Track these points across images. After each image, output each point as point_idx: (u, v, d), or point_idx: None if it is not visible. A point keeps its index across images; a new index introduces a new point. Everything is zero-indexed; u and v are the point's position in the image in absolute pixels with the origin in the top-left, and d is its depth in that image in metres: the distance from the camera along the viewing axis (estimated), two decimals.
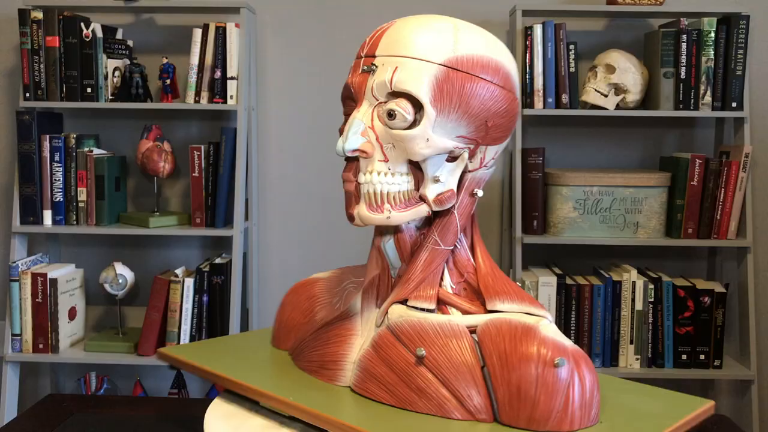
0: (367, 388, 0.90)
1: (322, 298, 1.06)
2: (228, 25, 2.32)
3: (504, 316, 0.88)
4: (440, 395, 0.85)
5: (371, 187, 0.88)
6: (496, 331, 0.86)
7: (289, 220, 2.58)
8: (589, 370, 0.84)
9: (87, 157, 2.35)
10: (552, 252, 2.53)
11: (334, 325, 0.96)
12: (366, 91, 0.89)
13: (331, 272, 1.10)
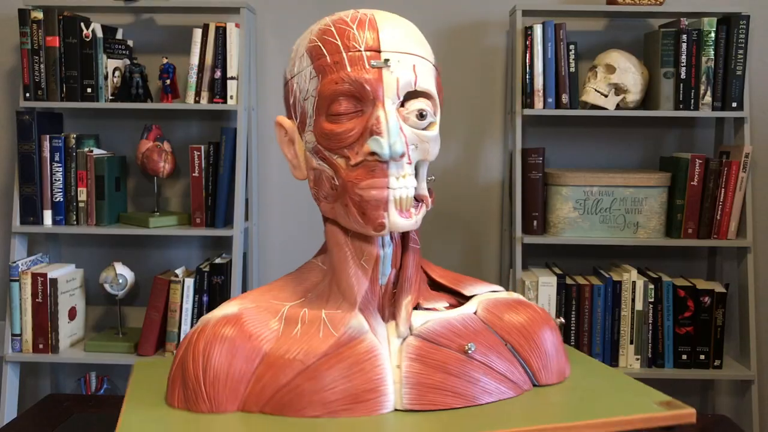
0: (430, 400, 0.86)
1: (261, 334, 0.87)
2: (228, 25, 2.32)
3: (488, 297, 0.97)
4: (497, 380, 0.90)
5: (405, 192, 0.85)
6: (498, 311, 0.94)
7: (289, 220, 2.58)
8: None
9: (87, 157, 2.35)
10: (552, 252, 2.53)
11: (345, 354, 0.85)
12: (386, 89, 0.83)
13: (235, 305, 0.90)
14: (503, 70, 2.52)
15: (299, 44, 0.91)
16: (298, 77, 0.89)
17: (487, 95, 2.53)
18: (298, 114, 0.89)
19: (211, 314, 0.90)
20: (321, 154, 0.87)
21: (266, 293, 0.93)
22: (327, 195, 0.90)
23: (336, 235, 0.90)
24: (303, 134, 0.90)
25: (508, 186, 2.46)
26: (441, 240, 2.56)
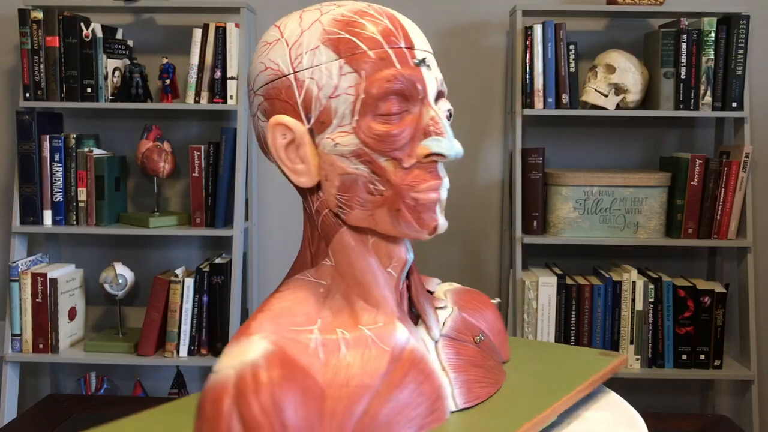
0: (476, 395, 0.87)
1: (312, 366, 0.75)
2: (228, 25, 2.32)
3: (445, 289, 1.00)
4: (498, 363, 0.96)
5: (446, 192, 0.83)
6: (463, 300, 0.99)
7: (289, 220, 2.58)
8: None
9: (87, 157, 2.35)
10: (552, 252, 2.53)
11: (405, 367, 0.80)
12: (430, 88, 0.81)
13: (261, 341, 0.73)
14: (503, 70, 2.52)
15: (303, 35, 0.80)
16: (315, 72, 0.78)
17: (487, 95, 2.53)
18: (316, 113, 0.79)
19: (240, 362, 0.70)
20: (366, 158, 0.78)
21: (277, 322, 0.77)
22: (364, 202, 0.80)
23: (358, 243, 0.82)
24: (321, 135, 0.79)
25: (508, 186, 2.46)
26: (441, 240, 2.56)
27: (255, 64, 0.83)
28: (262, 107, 0.82)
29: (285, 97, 0.80)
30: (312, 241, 0.84)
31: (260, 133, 0.85)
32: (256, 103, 0.83)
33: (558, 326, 2.29)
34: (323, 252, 0.83)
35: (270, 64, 0.81)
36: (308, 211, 0.84)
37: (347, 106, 0.78)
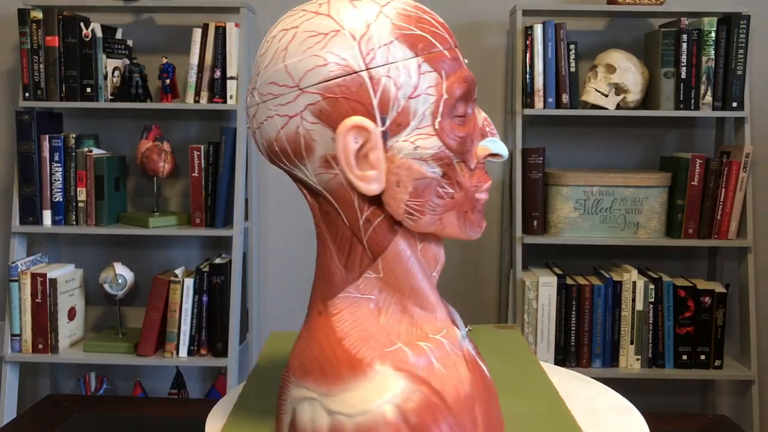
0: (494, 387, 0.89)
1: (445, 390, 0.74)
2: (228, 25, 2.32)
3: None
4: None
5: None
6: None
7: (289, 220, 2.58)
8: None
9: (87, 157, 2.35)
10: (552, 252, 2.53)
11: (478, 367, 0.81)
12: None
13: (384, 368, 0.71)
14: (503, 70, 2.52)
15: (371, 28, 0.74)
16: (392, 70, 0.74)
17: (487, 95, 2.53)
18: (393, 115, 0.74)
19: (391, 396, 0.68)
20: (446, 161, 0.75)
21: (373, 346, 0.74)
22: (435, 206, 0.76)
23: (413, 250, 0.78)
24: (396, 138, 0.75)
25: (508, 186, 2.46)
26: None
27: (303, 57, 0.74)
28: (317, 107, 0.73)
29: (356, 96, 0.73)
30: (346, 254, 0.77)
31: (294, 136, 0.75)
32: (303, 102, 0.74)
33: (558, 326, 2.29)
34: (365, 264, 0.77)
35: (333, 58, 0.73)
36: (343, 223, 0.77)
37: (428, 107, 0.75)
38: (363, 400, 0.67)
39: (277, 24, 0.78)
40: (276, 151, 0.77)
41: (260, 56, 0.77)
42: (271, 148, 0.77)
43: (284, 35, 0.75)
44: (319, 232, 0.78)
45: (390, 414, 0.67)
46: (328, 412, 0.68)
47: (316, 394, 0.71)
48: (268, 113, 0.76)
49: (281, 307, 2.61)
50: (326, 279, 0.78)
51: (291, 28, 0.75)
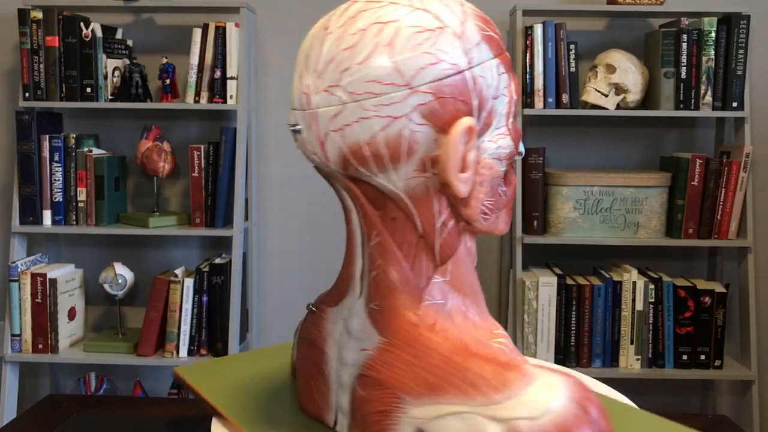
0: None
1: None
2: (228, 25, 2.32)
3: None
4: None
5: None
6: None
7: (289, 220, 2.58)
8: None
9: (87, 157, 2.35)
10: (552, 252, 2.53)
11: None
12: None
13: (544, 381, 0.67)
14: None
15: (465, 26, 0.72)
16: (481, 69, 0.72)
17: None
18: (484, 114, 0.73)
19: (566, 397, 0.65)
20: (511, 160, 0.77)
21: (501, 350, 0.73)
22: (498, 204, 0.77)
23: (469, 249, 0.78)
24: (482, 138, 0.74)
25: None
26: None
27: (413, 54, 0.69)
28: (427, 108, 0.69)
29: (462, 96, 0.71)
30: (411, 260, 0.74)
31: (396, 138, 0.70)
32: (412, 102, 0.69)
33: (558, 326, 2.29)
34: (431, 269, 0.74)
35: (443, 56, 0.69)
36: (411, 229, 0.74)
37: (504, 107, 0.74)
38: (541, 400, 0.65)
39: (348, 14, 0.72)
40: (363, 155, 0.71)
41: (345, 50, 0.70)
42: (357, 152, 0.71)
43: (382, 29, 0.69)
44: (381, 241, 0.74)
45: (573, 408, 0.65)
46: (498, 421, 0.65)
47: (466, 407, 0.66)
48: (362, 114, 0.70)
49: (281, 307, 2.61)
50: (394, 289, 0.74)
51: (389, 22, 0.70)
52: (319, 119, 0.71)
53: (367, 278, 0.76)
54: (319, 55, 0.71)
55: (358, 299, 0.77)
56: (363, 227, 0.76)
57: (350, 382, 0.76)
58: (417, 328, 0.73)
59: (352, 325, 0.76)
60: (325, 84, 0.70)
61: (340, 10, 0.73)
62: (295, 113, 0.74)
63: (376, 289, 0.75)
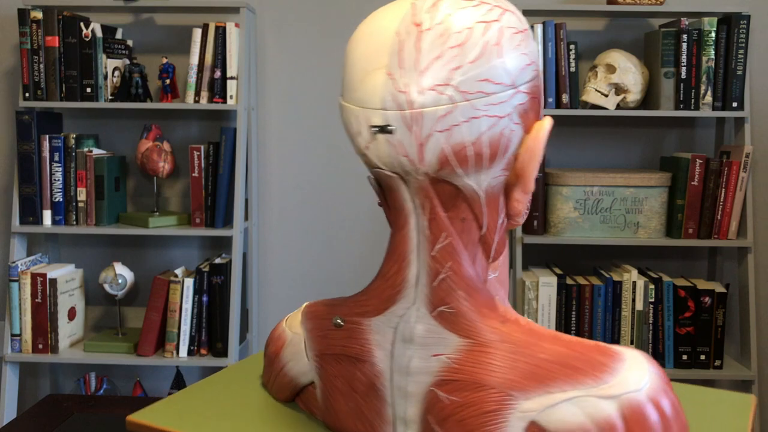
0: None
1: None
2: (228, 25, 2.32)
3: None
4: None
5: None
6: None
7: (289, 220, 2.58)
8: None
9: (86, 157, 2.35)
10: (552, 252, 2.53)
11: None
12: None
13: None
14: None
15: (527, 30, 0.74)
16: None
17: None
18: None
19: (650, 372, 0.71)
20: None
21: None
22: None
23: None
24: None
25: None
26: None
27: (516, 55, 0.70)
28: (523, 107, 0.71)
29: (541, 96, 0.75)
30: (472, 259, 0.74)
31: (498, 138, 0.71)
32: (515, 102, 0.70)
33: (558, 326, 2.29)
34: (486, 267, 0.76)
35: (533, 57, 0.72)
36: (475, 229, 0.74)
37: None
38: (639, 375, 0.70)
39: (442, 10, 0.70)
40: (465, 156, 0.70)
41: (453, 47, 0.68)
42: (460, 152, 0.70)
43: (488, 28, 0.69)
44: (451, 243, 0.73)
45: (658, 375, 0.71)
46: (611, 398, 0.68)
47: (578, 392, 0.68)
48: (473, 113, 0.69)
49: (281, 307, 2.61)
50: (470, 289, 0.74)
51: (491, 21, 0.69)
52: (423, 120, 0.68)
53: (427, 282, 0.74)
54: (418, 52, 0.68)
55: (413, 305, 0.75)
56: (427, 231, 0.74)
57: (421, 391, 0.74)
58: (506, 324, 0.73)
59: (415, 331, 0.74)
60: (431, 82, 0.68)
61: (425, 6, 0.70)
62: (386, 114, 0.69)
63: (446, 292, 0.73)
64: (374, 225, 2.56)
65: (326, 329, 0.80)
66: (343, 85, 0.74)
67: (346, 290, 2.59)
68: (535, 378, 0.69)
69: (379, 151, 0.71)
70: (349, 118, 0.73)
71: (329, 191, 2.57)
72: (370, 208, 2.56)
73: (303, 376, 0.85)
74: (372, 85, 0.70)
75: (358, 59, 0.71)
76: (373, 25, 0.72)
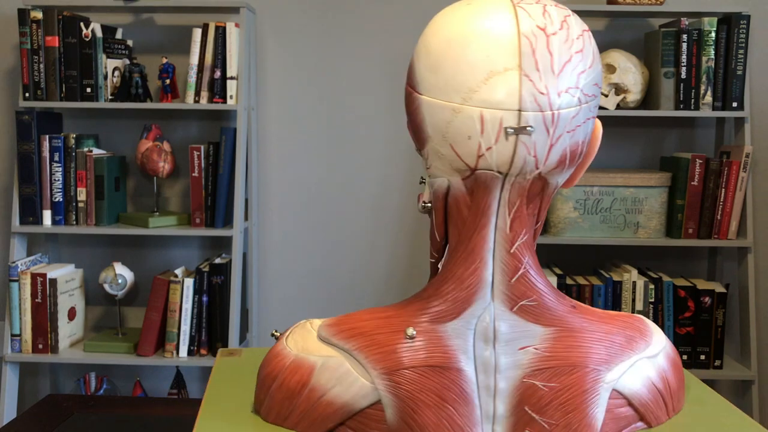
0: None
1: None
2: (228, 25, 2.32)
3: None
4: None
5: None
6: None
7: (289, 220, 2.58)
8: None
9: (86, 157, 2.35)
10: (552, 252, 2.53)
11: None
12: None
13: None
14: None
15: None
16: None
17: None
18: None
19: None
20: None
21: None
22: None
23: None
24: None
25: None
26: None
27: (599, 63, 0.76)
28: (596, 108, 0.77)
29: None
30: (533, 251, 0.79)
31: (586, 138, 0.76)
32: (594, 103, 0.75)
33: None
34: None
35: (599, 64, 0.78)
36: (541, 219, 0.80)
37: None
38: (659, 333, 0.86)
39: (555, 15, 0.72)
40: (575, 154, 0.75)
41: (577, 53, 0.72)
42: (574, 151, 0.75)
43: (587, 36, 0.74)
44: (529, 238, 0.77)
45: (665, 338, 0.88)
46: (650, 358, 0.82)
47: (635, 357, 0.81)
48: (589, 114, 0.74)
49: (281, 307, 2.61)
50: (545, 280, 0.78)
51: (585, 31, 0.74)
52: (560, 121, 0.71)
53: (503, 280, 0.76)
54: (551, 55, 0.70)
55: (491, 303, 0.76)
56: (507, 229, 0.75)
57: (512, 385, 0.76)
58: (577, 307, 0.81)
59: (499, 329, 0.76)
60: (564, 85, 0.71)
61: (532, 8, 0.72)
62: (525, 115, 0.70)
63: (526, 286, 0.76)
64: (374, 225, 2.56)
65: (392, 344, 0.77)
66: (445, 86, 0.72)
67: (346, 290, 2.59)
68: (614, 352, 0.79)
69: (501, 152, 0.72)
70: (463, 120, 0.72)
71: (329, 191, 2.57)
72: (370, 208, 2.56)
73: (362, 399, 0.78)
74: (505, 86, 0.70)
75: (475, 60, 0.70)
76: (478, 25, 0.71)
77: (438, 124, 0.73)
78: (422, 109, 0.74)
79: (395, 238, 2.55)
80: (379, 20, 2.50)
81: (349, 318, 0.81)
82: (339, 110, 2.53)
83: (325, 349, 0.80)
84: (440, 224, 0.79)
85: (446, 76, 0.72)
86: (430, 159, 0.77)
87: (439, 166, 0.76)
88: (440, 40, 0.73)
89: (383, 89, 2.52)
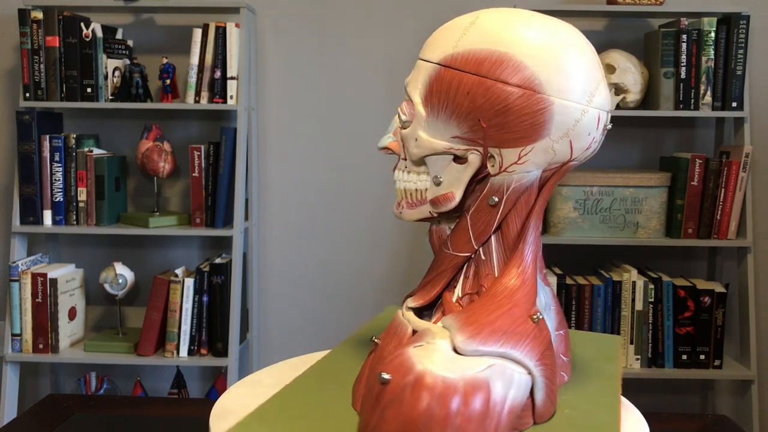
0: None
1: None
2: (228, 25, 2.32)
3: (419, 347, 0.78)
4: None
5: (396, 183, 0.91)
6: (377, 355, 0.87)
7: (289, 220, 2.58)
8: None
9: (87, 157, 2.35)
10: (552, 252, 2.53)
11: None
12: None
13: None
14: None
15: None
16: None
17: None
18: None
19: None
20: None
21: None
22: None
23: None
24: None
25: None
26: None
27: None
28: None
29: None
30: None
31: None
32: None
33: None
34: None
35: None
36: None
37: None
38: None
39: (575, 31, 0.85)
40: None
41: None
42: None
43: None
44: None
45: None
46: None
47: None
48: None
49: (281, 307, 2.61)
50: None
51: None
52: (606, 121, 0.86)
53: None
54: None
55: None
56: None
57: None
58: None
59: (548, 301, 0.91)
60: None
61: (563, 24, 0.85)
62: (610, 115, 0.89)
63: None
64: (374, 224, 2.56)
65: (530, 331, 0.81)
66: (577, 89, 0.81)
67: (346, 290, 2.59)
68: None
69: (598, 146, 0.87)
70: (588, 120, 0.82)
71: (329, 191, 2.57)
72: (370, 208, 2.56)
73: (527, 392, 0.80)
74: (605, 91, 0.84)
75: (589, 68, 0.83)
76: (578, 37, 0.84)
77: (567, 123, 0.81)
78: (552, 108, 0.80)
79: (395, 238, 2.55)
80: (379, 20, 2.50)
81: (476, 320, 0.79)
82: (339, 110, 2.54)
83: (477, 360, 0.76)
84: (504, 216, 0.85)
85: (578, 80, 0.81)
86: (530, 155, 0.82)
87: (535, 161, 0.82)
88: (559, 47, 0.82)
89: (383, 89, 2.53)
